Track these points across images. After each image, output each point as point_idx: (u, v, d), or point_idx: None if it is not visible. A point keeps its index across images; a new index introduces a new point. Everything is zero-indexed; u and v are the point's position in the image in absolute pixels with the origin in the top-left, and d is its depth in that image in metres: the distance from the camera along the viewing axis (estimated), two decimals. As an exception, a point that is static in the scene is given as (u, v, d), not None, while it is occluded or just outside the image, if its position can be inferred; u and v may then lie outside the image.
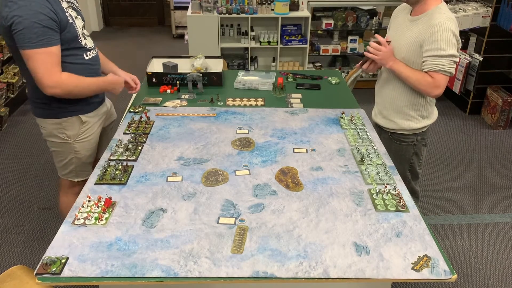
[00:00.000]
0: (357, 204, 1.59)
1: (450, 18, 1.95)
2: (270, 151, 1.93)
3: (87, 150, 2.10)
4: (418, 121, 2.18)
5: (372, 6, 4.89)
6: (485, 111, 4.36)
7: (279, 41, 4.59)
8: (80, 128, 2.03)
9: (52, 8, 1.74)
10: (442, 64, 1.95)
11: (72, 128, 2.01)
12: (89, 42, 2.00)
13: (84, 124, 2.04)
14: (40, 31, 1.69)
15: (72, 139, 2.03)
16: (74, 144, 2.04)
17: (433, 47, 1.94)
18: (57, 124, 1.98)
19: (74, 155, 2.07)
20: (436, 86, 1.99)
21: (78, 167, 2.12)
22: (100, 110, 2.13)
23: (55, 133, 2.01)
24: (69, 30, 1.83)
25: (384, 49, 2.06)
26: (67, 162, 2.09)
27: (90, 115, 2.06)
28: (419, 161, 2.30)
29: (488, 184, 3.35)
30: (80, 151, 2.07)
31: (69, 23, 1.83)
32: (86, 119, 2.04)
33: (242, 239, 1.42)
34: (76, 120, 2.01)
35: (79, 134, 2.04)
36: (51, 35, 1.73)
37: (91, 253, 1.35)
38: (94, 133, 2.11)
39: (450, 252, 2.67)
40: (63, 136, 2.02)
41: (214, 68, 2.72)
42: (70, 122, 2.00)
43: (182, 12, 6.78)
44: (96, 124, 2.11)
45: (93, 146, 2.14)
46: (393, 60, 2.06)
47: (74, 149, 2.05)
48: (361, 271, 1.31)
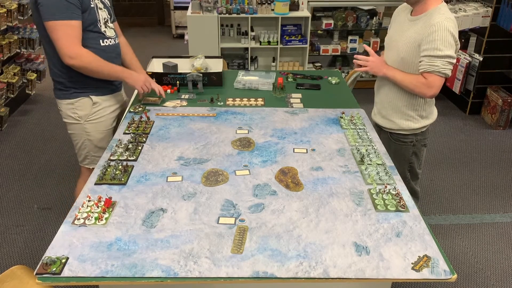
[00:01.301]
0: (357, 204, 1.59)
1: (449, 18, 1.95)
2: (270, 151, 1.93)
3: (98, 133, 2.19)
4: (417, 121, 2.18)
5: (372, 6, 4.88)
6: (485, 111, 4.36)
7: (279, 41, 4.59)
8: (91, 109, 2.14)
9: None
10: (437, 65, 1.94)
11: (83, 108, 2.13)
12: (110, 32, 2.14)
13: (95, 105, 2.14)
14: (63, 5, 1.86)
15: (83, 119, 2.14)
16: (85, 124, 2.15)
17: (430, 47, 1.94)
18: (70, 104, 2.12)
19: (86, 137, 2.18)
20: (430, 87, 1.98)
21: (91, 151, 2.22)
22: (114, 97, 2.24)
23: (69, 113, 2.14)
24: (90, 12, 1.99)
25: (372, 59, 2.08)
26: (81, 146, 2.21)
27: (102, 98, 2.16)
28: (418, 161, 2.30)
29: (488, 184, 3.35)
30: (91, 132, 2.17)
31: (91, 7, 2.00)
32: (97, 100, 2.14)
33: (242, 239, 1.42)
34: (87, 100, 2.12)
35: (90, 114, 2.14)
36: (73, 10, 1.90)
37: (91, 253, 1.35)
38: (106, 116, 2.20)
39: (450, 252, 2.67)
40: (75, 116, 2.14)
41: (214, 68, 2.72)
42: (82, 103, 2.12)
43: (182, 12, 6.78)
44: (109, 108, 2.21)
45: (106, 130, 2.22)
46: (386, 68, 2.08)
47: (85, 130, 2.16)
48: (361, 271, 1.31)
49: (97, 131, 2.19)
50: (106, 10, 2.13)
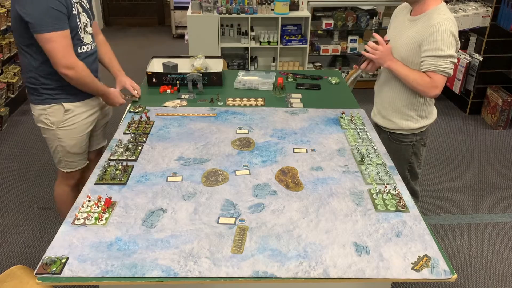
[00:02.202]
0: (357, 204, 1.59)
1: (449, 18, 1.95)
2: (270, 151, 1.93)
3: (71, 139, 2.15)
4: (416, 121, 2.18)
5: (372, 6, 4.89)
6: (485, 111, 4.36)
7: (279, 41, 4.59)
8: (63, 116, 2.10)
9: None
10: (441, 65, 1.95)
11: (55, 114, 2.09)
12: (87, 38, 2.09)
13: (67, 112, 2.10)
14: (55, 16, 1.85)
15: (55, 125, 2.11)
16: (57, 131, 2.12)
17: (432, 47, 1.94)
18: (43, 110, 2.09)
19: (59, 143, 2.15)
20: (434, 86, 1.98)
21: (64, 156, 2.20)
22: (89, 103, 2.18)
23: (41, 119, 2.11)
24: (72, 20, 1.95)
25: (381, 48, 2.05)
26: (54, 150, 2.19)
27: (75, 104, 2.12)
28: (418, 161, 2.30)
29: (488, 184, 3.35)
30: (63, 139, 2.14)
31: (73, 14, 1.96)
32: (69, 107, 2.10)
33: (242, 239, 1.42)
34: (59, 107, 2.09)
35: (62, 121, 2.11)
36: (64, 19, 1.89)
37: (91, 253, 1.35)
38: (79, 123, 2.15)
39: (450, 252, 2.67)
40: (48, 122, 2.11)
41: (214, 68, 2.72)
42: (54, 109, 2.08)
43: (182, 12, 6.78)
44: (83, 114, 2.16)
45: (79, 137, 2.18)
46: (391, 60, 2.06)
47: (57, 136, 2.13)
48: (361, 271, 1.31)
49: (69, 137, 2.15)
50: (85, 14, 2.08)
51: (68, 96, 2.10)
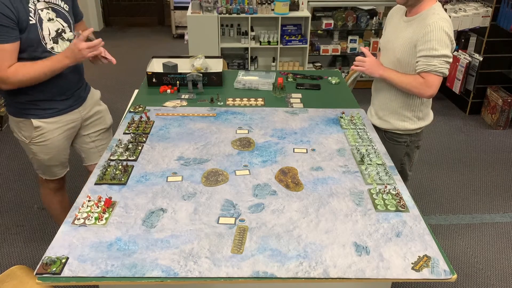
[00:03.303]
0: (357, 204, 1.59)
1: (443, 18, 1.96)
2: (270, 151, 1.93)
3: (45, 154, 2.06)
4: (413, 122, 2.18)
5: (372, 6, 4.89)
6: (485, 111, 4.36)
7: (279, 41, 4.59)
8: (33, 132, 1.99)
9: (11, 5, 1.71)
10: (434, 64, 1.95)
11: (26, 130, 2.00)
12: (60, 47, 1.92)
13: (37, 129, 1.98)
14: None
15: (27, 139, 2.02)
16: (30, 145, 2.03)
17: (426, 47, 1.94)
18: (16, 122, 2.01)
19: (33, 156, 2.08)
20: (428, 87, 1.98)
21: (40, 167, 2.13)
22: (64, 118, 2.05)
23: (16, 130, 2.04)
24: (30, 31, 1.79)
25: (368, 60, 2.08)
26: (31, 160, 2.13)
27: (46, 120, 1.99)
28: (410, 162, 2.31)
29: (488, 184, 3.35)
30: (37, 153, 2.05)
31: (30, 25, 1.78)
32: (38, 124, 1.98)
33: (242, 239, 1.42)
34: (29, 123, 1.98)
35: (33, 137, 2.00)
36: (4, 32, 1.71)
37: (91, 253, 1.35)
38: (52, 139, 2.04)
39: (450, 252, 2.67)
40: (20, 136, 2.03)
41: (214, 68, 2.72)
42: (25, 124, 1.99)
43: (182, 12, 6.78)
44: (56, 131, 2.04)
45: (54, 151, 2.07)
46: (382, 69, 2.08)
47: (31, 150, 2.05)
48: (361, 271, 1.31)
49: (44, 152, 2.05)
50: (60, 19, 1.91)
51: (38, 112, 1.97)
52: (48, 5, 1.86)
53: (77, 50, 1.84)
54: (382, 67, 2.10)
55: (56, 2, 1.91)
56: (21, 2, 1.76)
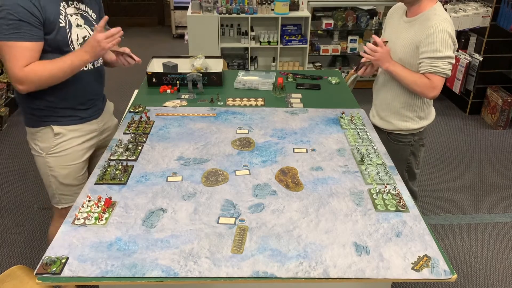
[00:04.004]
0: (357, 204, 1.59)
1: (445, 19, 1.95)
2: (270, 151, 1.93)
3: (62, 168, 1.91)
4: (415, 122, 2.18)
5: (372, 6, 4.89)
6: (485, 111, 4.36)
7: (279, 41, 4.59)
8: (53, 140, 1.87)
9: (38, 3, 1.65)
10: (439, 66, 1.95)
11: (44, 139, 1.87)
12: None
13: (57, 136, 1.87)
14: (14, 23, 1.61)
15: (44, 152, 1.88)
16: (47, 158, 1.89)
17: (430, 49, 1.94)
18: (32, 134, 1.90)
19: (50, 173, 1.91)
20: (432, 88, 1.98)
21: (57, 189, 1.95)
22: (85, 127, 1.95)
23: (32, 144, 1.92)
24: (58, 33, 1.73)
25: (380, 50, 2.05)
26: (47, 182, 1.96)
27: (67, 128, 1.89)
28: (416, 161, 2.30)
29: (488, 184, 3.35)
30: (54, 167, 1.90)
31: (60, 27, 1.73)
32: (59, 131, 1.87)
33: (242, 239, 1.42)
34: (48, 131, 1.86)
35: (52, 147, 1.87)
36: (27, 29, 1.63)
37: (91, 253, 1.35)
38: (71, 149, 1.91)
39: (450, 252, 2.67)
40: (37, 148, 1.90)
41: (214, 68, 2.72)
42: (43, 133, 1.87)
43: (182, 12, 6.78)
44: (76, 140, 1.92)
45: (72, 165, 1.93)
46: (390, 62, 2.06)
47: (47, 165, 1.90)
48: (361, 271, 1.31)
49: (61, 165, 1.90)
50: (87, 26, 1.85)
51: (58, 118, 1.86)
52: (78, 11, 1.81)
53: (96, 42, 1.73)
54: (390, 60, 2.05)
55: (85, 9, 1.86)
56: (51, 3, 1.70)
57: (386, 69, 2.07)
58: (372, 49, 2.05)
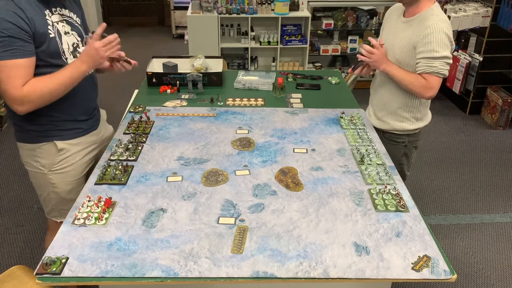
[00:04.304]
0: (357, 204, 1.59)
1: (443, 19, 1.96)
2: (270, 151, 1.93)
3: (66, 184, 1.83)
4: (411, 123, 2.18)
5: (372, 6, 4.89)
6: (485, 111, 4.36)
7: (279, 41, 4.59)
8: (56, 157, 1.78)
9: (25, 15, 1.53)
10: (435, 66, 1.95)
11: (46, 156, 1.77)
12: None
13: (60, 152, 1.78)
14: (4, 40, 1.49)
15: (47, 169, 1.79)
16: (50, 175, 1.80)
17: (427, 49, 1.94)
18: (31, 150, 1.77)
19: (52, 189, 1.83)
20: (429, 88, 1.99)
21: (59, 204, 1.87)
22: (86, 139, 1.88)
23: (30, 161, 1.80)
24: (49, 45, 1.62)
25: (377, 52, 2.06)
26: (46, 197, 1.87)
27: (70, 142, 1.81)
28: (408, 162, 2.30)
29: (488, 184, 3.35)
30: (57, 184, 1.82)
31: (50, 38, 1.62)
32: (63, 146, 1.78)
33: (242, 239, 1.42)
34: (51, 146, 1.77)
35: (55, 163, 1.79)
36: (19, 45, 1.52)
37: (91, 253, 1.35)
38: (75, 164, 1.84)
39: (450, 252, 2.67)
40: (37, 165, 1.79)
41: (214, 68, 2.72)
42: (45, 149, 1.77)
43: (182, 12, 6.78)
44: (79, 154, 1.85)
45: (75, 180, 1.86)
46: (386, 63, 2.07)
47: (50, 181, 1.81)
48: (361, 271, 1.31)
49: (65, 182, 1.82)
50: (75, 32, 1.76)
51: (61, 133, 1.78)
52: (62, 18, 1.71)
53: (93, 51, 1.67)
54: (387, 61, 2.07)
55: (69, 15, 1.76)
56: (37, 14, 1.58)
57: (383, 70, 2.08)
58: (369, 51, 2.06)
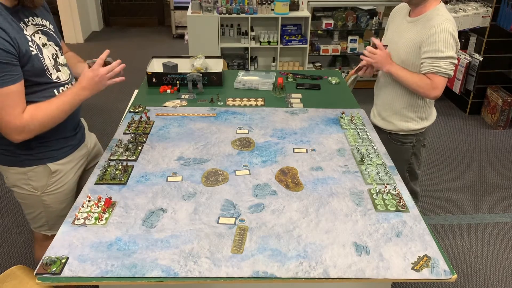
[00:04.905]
0: (357, 204, 1.59)
1: (448, 19, 1.95)
2: (270, 151, 1.93)
3: (59, 203, 1.77)
4: (417, 122, 2.18)
5: (372, 6, 4.88)
6: (485, 111, 4.36)
7: (279, 41, 4.59)
8: (49, 179, 1.70)
9: (9, 37, 1.42)
10: (440, 66, 1.95)
11: (38, 179, 1.69)
12: (63, 74, 1.67)
13: (54, 174, 1.71)
14: None
15: (39, 191, 1.71)
16: (43, 196, 1.72)
17: (431, 49, 1.94)
18: (21, 174, 1.67)
19: (44, 209, 1.75)
20: (434, 88, 1.98)
21: (51, 220, 1.80)
22: (76, 154, 1.81)
23: (19, 184, 1.69)
24: (33, 63, 1.51)
25: (380, 53, 2.06)
26: (37, 216, 1.79)
27: (62, 161, 1.73)
28: (417, 161, 2.30)
29: (488, 184, 3.35)
30: (51, 204, 1.75)
31: (33, 55, 1.51)
32: (56, 168, 1.71)
33: (242, 239, 1.42)
34: (43, 169, 1.68)
35: (48, 185, 1.71)
36: (8, 71, 1.42)
37: (91, 253, 1.35)
38: (68, 184, 1.77)
39: (450, 252, 2.67)
40: (29, 188, 1.69)
41: (214, 68, 2.72)
42: (36, 172, 1.67)
43: (182, 12, 6.78)
44: (71, 171, 1.78)
45: (68, 197, 1.80)
46: (390, 64, 2.06)
47: (43, 202, 1.73)
48: (361, 271, 1.31)
49: (58, 201, 1.76)
50: (52, 42, 1.64)
51: (53, 154, 1.69)
52: (37, 28, 1.58)
53: (97, 79, 1.61)
54: (390, 62, 2.07)
55: (42, 23, 1.63)
56: (17, 32, 1.47)
57: (387, 71, 2.07)
58: (372, 52, 2.06)
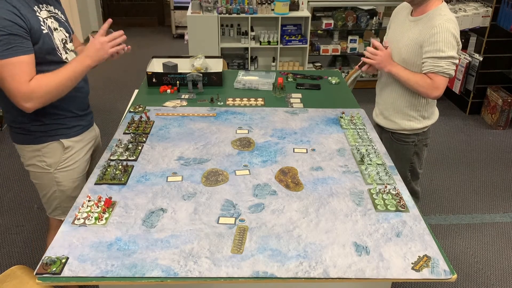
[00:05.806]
0: (357, 204, 1.59)
1: (450, 19, 1.95)
2: (270, 151, 1.93)
3: (71, 181, 1.88)
4: (419, 121, 2.18)
5: (372, 6, 4.89)
6: (485, 111, 4.36)
7: (279, 41, 4.59)
8: (61, 155, 1.83)
9: (20, 13, 1.54)
10: (441, 66, 1.95)
11: (52, 155, 1.81)
12: (71, 56, 1.80)
13: (66, 150, 1.83)
14: (4, 39, 1.50)
15: (52, 168, 1.83)
16: (56, 173, 1.84)
17: (433, 49, 1.94)
18: (36, 150, 1.80)
19: (57, 187, 1.86)
20: (435, 88, 1.98)
21: (63, 202, 1.91)
22: (87, 135, 1.94)
23: (34, 162, 1.82)
24: (44, 41, 1.63)
25: (380, 53, 2.06)
26: (50, 196, 1.90)
27: (75, 139, 1.86)
28: (419, 161, 2.30)
29: (488, 184, 3.35)
30: (63, 182, 1.86)
31: (44, 34, 1.63)
32: (69, 144, 1.83)
33: (242, 239, 1.42)
34: (57, 145, 1.81)
35: (61, 162, 1.83)
36: (19, 43, 1.53)
37: (91, 253, 1.35)
38: (79, 161, 1.90)
39: (450, 252, 2.67)
40: (43, 165, 1.82)
41: (214, 68, 2.72)
42: (50, 148, 1.80)
43: (182, 12, 6.78)
44: (82, 150, 1.91)
45: (79, 177, 1.92)
46: (391, 64, 2.07)
47: (55, 180, 1.85)
48: (361, 271, 1.31)
49: (70, 179, 1.87)
50: (63, 28, 1.77)
51: (66, 131, 1.82)
52: (50, 14, 1.72)
53: (99, 45, 1.70)
54: (391, 62, 2.07)
55: (55, 11, 1.77)
56: (28, 11, 1.59)
57: (388, 71, 2.08)
58: (373, 53, 2.06)
